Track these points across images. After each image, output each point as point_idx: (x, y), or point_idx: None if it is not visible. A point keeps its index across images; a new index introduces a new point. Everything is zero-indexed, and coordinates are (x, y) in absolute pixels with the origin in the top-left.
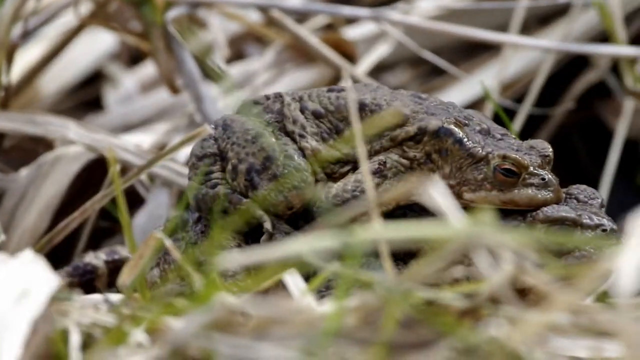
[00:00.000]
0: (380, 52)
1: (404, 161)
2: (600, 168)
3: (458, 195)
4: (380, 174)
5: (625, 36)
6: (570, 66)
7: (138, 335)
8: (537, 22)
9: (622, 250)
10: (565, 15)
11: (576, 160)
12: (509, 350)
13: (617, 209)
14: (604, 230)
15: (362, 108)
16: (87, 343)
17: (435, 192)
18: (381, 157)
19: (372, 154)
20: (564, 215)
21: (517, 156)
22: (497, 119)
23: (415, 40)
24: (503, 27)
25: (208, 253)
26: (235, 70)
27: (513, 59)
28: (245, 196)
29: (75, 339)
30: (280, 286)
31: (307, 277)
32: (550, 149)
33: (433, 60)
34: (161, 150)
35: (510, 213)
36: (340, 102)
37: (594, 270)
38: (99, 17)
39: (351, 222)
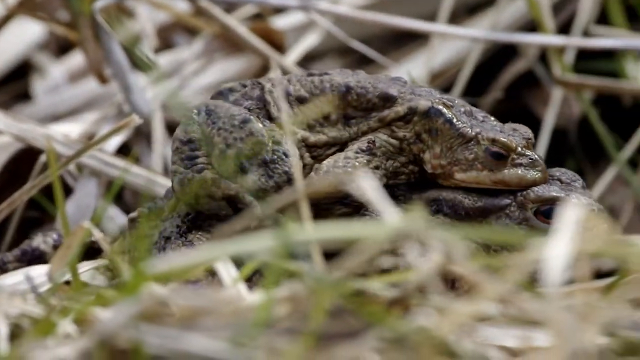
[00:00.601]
0: (309, 41)
1: (393, 141)
2: None
3: (449, 175)
4: (369, 151)
5: (553, 25)
6: (499, 55)
7: (66, 326)
8: (465, 11)
9: (550, 239)
10: (493, 4)
11: None
12: (437, 340)
13: None
14: (593, 210)
15: (348, 91)
16: (15, 334)
17: (365, 184)
18: (370, 136)
19: (359, 135)
20: (554, 195)
21: (506, 139)
22: None
23: (344, 29)
24: (431, 17)
25: (137, 246)
26: (164, 60)
27: (441, 49)
28: (232, 182)
29: (2, 330)
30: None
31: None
32: (531, 132)
33: (362, 50)
34: (90, 140)
35: (501, 192)
36: (325, 86)
37: (522, 260)
38: (27, 6)
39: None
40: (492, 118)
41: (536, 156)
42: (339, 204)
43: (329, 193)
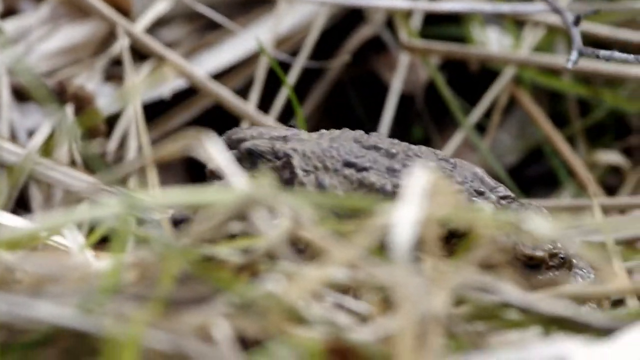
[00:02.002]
0: (158, 8)
1: None
2: (376, 122)
3: (539, 265)
4: None
5: None
6: (346, 20)
7: None
8: None
9: (398, 205)
10: None
11: (352, 114)
12: (286, 306)
13: None
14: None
15: (385, 198)
16: None
17: (212, 148)
18: None
19: None
20: None
21: (540, 255)
22: (272, 73)
23: None
24: None
25: None
26: (9, 26)
27: (288, 13)
28: None
29: None
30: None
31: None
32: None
33: (209, 15)
34: None
35: None
36: (362, 191)
37: (370, 226)
38: None
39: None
40: (512, 195)
41: (564, 253)
42: None
43: (177, 159)
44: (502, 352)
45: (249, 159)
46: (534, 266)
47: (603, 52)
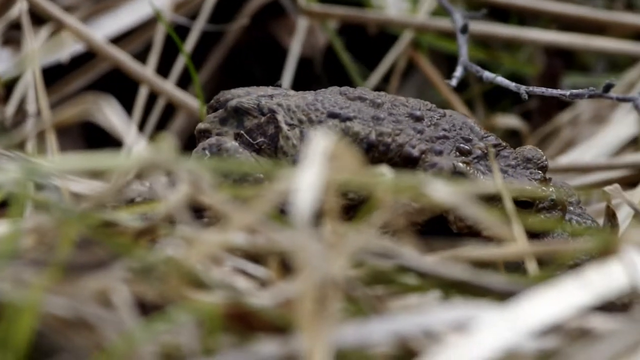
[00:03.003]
0: None
1: (415, 204)
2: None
3: (476, 234)
4: None
5: None
6: None
7: None
8: None
9: (298, 170)
10: None
11: (251, 78)
12: (185, 270)
13: None
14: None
15: (370, 148)
16: None
17: (111, 112)
18: None
19: None
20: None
21: (531, 188)
22: (169, 39)
23: None
24: None
25: None
26: None
27: None
28: None
29: None
30: None
31: None
32: (545, 158)
33: None
34: None
35: None
36: (347, 141)
37: (270, 191)
38: None
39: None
40: (503, 144)
41: (555, 196)
42: None
43: (76, 124)
44: (402, 316)
45: (235, 116)
46: (525, 204)
47: (487, 74)
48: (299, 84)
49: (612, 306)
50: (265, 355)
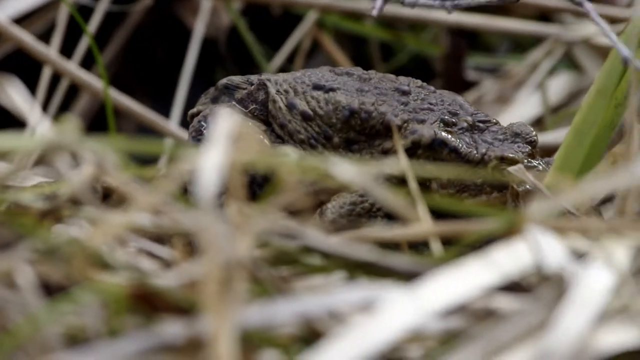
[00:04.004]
0: None
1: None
2: (179, 67)
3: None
4: None
5: None
6: None
7: None
8: None
9: (204, 150)
10: None
11: (155, 58)
12: (90, 251)
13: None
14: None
15: (352, 115)
16: None
17: (13, 92)
18: None
19: None
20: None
21: (514, 154)
22: (72, 19)
23: None
24: None
25: None
26: None
27: None
28: None
29: None
30: None
31: None
32: (535, 133)
33: None
34: None
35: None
36: (330, 108)
37: (174, 171)
38: None
39: None
40: (492, 120)
41: (542, 165)
42: None
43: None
44: (307, 297)
45: (227, 92)
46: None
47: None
48: (202, 65)
49: (516, 286)
50: (170, 336)
